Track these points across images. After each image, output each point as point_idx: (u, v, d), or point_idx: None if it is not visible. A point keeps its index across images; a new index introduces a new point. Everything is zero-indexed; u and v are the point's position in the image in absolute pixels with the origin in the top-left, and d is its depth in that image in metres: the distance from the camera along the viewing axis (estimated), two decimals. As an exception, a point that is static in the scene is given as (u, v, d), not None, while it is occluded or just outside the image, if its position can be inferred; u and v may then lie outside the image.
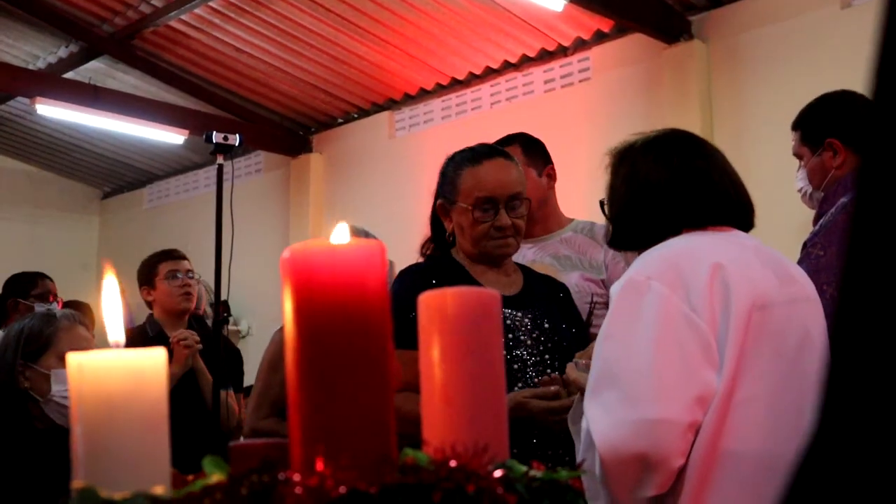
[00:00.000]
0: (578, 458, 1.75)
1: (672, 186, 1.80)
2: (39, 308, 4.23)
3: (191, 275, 3.88)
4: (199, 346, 3.69)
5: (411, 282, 2.24)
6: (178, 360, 3.59)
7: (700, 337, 1.61)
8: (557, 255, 2.75)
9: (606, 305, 2.66)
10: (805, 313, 1.72)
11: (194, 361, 3.67)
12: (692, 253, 1.71)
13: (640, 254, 1.85)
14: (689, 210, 1.80)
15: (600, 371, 1.64)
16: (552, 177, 2.92)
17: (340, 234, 0.70)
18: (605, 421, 1.59)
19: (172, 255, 3.95)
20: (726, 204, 1.82)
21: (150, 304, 3.93)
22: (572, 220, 2.88)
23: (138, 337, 3.67)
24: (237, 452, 0.79)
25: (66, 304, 4.64)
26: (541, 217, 2.76)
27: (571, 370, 1.98)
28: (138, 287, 3.96)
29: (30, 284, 4.51)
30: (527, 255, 2.68)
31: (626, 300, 1.67)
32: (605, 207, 1.95)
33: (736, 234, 1.81)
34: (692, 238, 1.77)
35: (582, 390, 1.92)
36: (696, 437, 1.59)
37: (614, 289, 1.73)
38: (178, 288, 3.83)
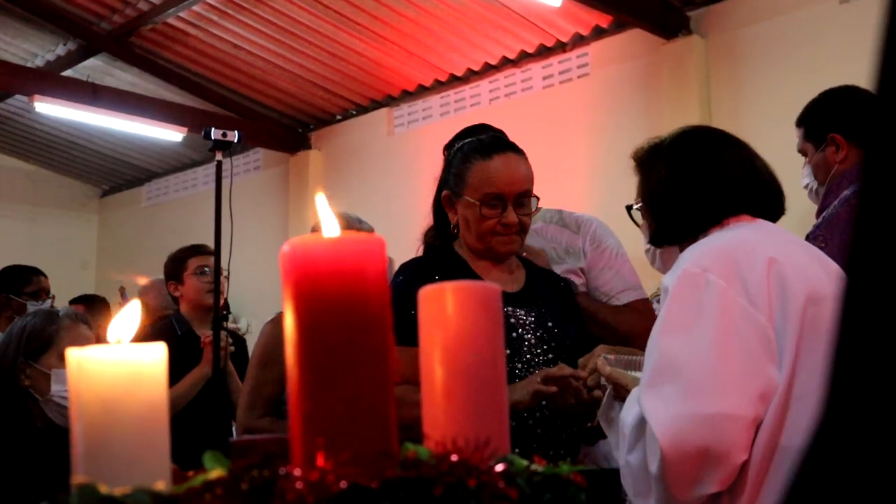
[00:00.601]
0: (619, 453, 1.72)
1: (717, 172, 1.79)
2: (32, 306, 4.20)
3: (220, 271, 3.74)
4: (232, 347, 3.58)
5: (412, 277, 2.22)
6: (209, 361, 3.45)
7: (760, 331, 1.59)
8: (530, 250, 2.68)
9: (586, 294, 2.59)
10: None
11: (225, 363, 3.49)
12: (745, 246, 1.69)
13: (681, 248, 1.83)
14: (734, 197, 1.79)
15: (659, 364, 1.61)
16: None
17: (325, 211, 0.70)
18: (666, 415, 1.55)
19: (201, 250, 3.84)
20: (766, 192, 1.82)
21: (176, 300, 3.83)
22: (538, 209, 2.85)
23: (164, 333, 3.57)
24: (238, 448, 0.79)
25: (79, 300, 4.57)
26: None
27: (604, 365, 1.95)
28: (165, 281, 3.87)
29: (23, 281, 4.46)
30: None
31: (683, 293, 1.64)
32: (640, 209, 1.93)
33: (774, 227, 1.81)
34: (740, 230, 1.76)
35: (617, 385, 1.90)
36: (757, 432, 1.57)
37: (667, 280, 1.70)
38: (207, 284, 3.70)
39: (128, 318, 0.78)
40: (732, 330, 1.58)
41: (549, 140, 6.08)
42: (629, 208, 2.01)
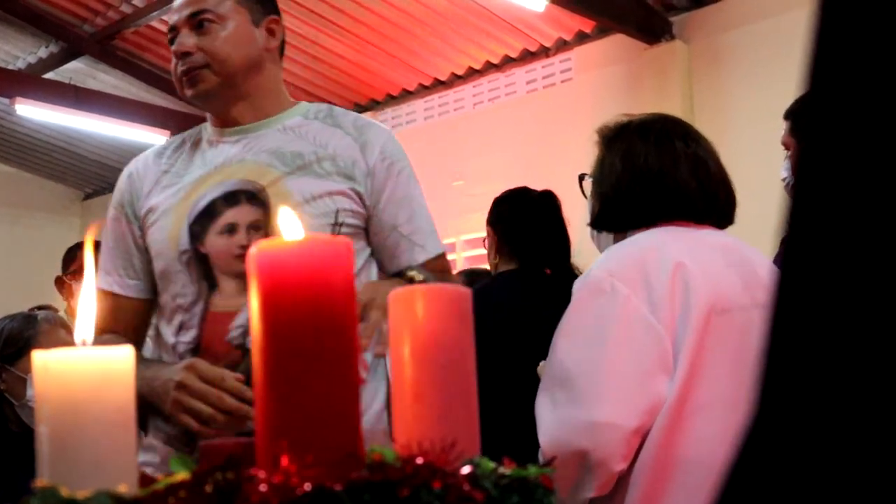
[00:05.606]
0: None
1: (672, 173, 1.77)
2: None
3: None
4: None
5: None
6: None
7: (657, 343, 1.59)
8: (279, 151, 1.88)
9: (359, 228, 1.88)
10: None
11: None
12: (659, 250, 1.68)
13: (615, 238, 1.83)
14: (678, 206, 1.77)
15: (553, 369, 1.64)
16: (274, 34, 1.97)
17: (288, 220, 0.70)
18: (551, 418, 1.60)
19: None
20: (713, 202, 1.80)
21: None
22: (299, 102, 2.03)
23: None
24: (207, 451, 0.78)
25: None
26: (251, 89, 1.92)
27: (542, 368, 1.96)
28: None
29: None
30: (229, 152, 1.90)
31: (586, 299, 1.66)
32: (591, 183, 1.90)
33: (710, 233, 1.78)
34: (664, 233, 1.74)
35: None
36: (644, 442, 1.58)
37: (577, 283, 1.71)
38: None
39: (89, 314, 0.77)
40: (628, 341, 1.59)
41: (533, 144, 6.08)
42: (581, 178, 1.98)
